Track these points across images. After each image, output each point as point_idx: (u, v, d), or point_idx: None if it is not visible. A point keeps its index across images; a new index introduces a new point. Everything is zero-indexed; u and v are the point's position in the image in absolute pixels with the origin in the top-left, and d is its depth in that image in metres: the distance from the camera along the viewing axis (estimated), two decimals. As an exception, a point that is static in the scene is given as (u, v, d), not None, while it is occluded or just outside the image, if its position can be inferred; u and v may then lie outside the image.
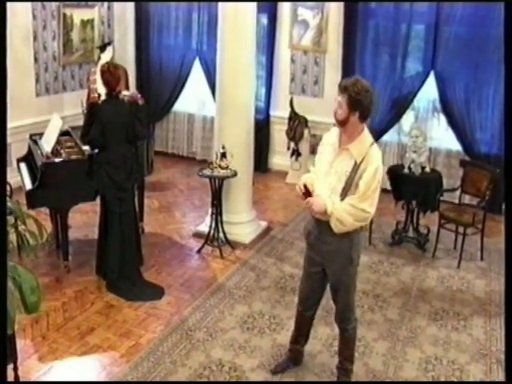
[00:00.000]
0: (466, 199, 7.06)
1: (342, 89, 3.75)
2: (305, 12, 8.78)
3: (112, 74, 5.40)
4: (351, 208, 3.78)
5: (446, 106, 8.15)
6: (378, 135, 8.45)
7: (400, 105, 8.36)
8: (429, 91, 8.31)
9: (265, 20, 8.88)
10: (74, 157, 5.76)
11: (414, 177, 6.63)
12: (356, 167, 3.79)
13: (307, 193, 3.92)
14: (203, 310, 5.27)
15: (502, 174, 6.42)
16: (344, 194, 3.83)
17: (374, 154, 3.82)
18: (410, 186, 6.65)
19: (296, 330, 4.51)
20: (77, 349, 4.67)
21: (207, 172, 6.31)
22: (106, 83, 5.45)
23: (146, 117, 6.08)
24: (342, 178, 3.83)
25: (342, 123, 3.82)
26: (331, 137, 4.00)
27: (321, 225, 3.96)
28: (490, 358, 4.80)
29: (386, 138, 8.53)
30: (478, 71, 7.86)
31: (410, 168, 6.67)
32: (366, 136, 3.88)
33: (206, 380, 4.36)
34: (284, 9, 8.89)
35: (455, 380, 4.50)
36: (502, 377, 4.54)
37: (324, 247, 4.02)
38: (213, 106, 8.42)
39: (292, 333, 4.56)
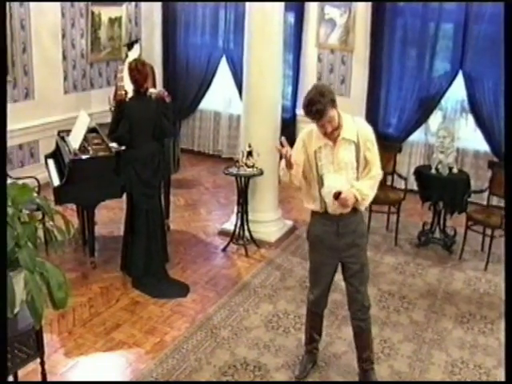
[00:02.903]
0: (494, 201, 6.96)
1: (321, 110, 3.71)
2: (332, 11, 8.73)
3: (140, 72, 5.42)
4: (372, 181, 4.01)
5: (475, 106, 8.05)
6: (405, 135, 8.42)
7: (427, 105, 8.26)
8: (457, 91, 8.21)
9: (292, 19, 8.85)
10: (101, 154, 5.79)
11: (442, 178, 6.56)
12: (358, 147, 3.91)
13: (337, 193, 3.86)
14: (228, 309, 5.27)
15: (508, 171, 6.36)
16: (358, 174, 3.97)
17: (361, 124, 4.02)
18: (437, 187, 6.57)
19: (311, 329, 4.47)
20: (102, 345, 4.70)
21: (233, 170, 6.31)
22: (133, 80, 5.47)
23: (173, 114, 6.08)
24: (352, 165, 3.92)
25: (337, 128, 3.86)
26: (315, 140, 3.92)
27: (340, 220, 3.99)
28: (517, 362, 4.74)
29: (413, 138, 8.45)
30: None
31: (437, 169, 6.60)
32: (344, 115, 3.95)
33: (230, 378, 4.36)
34: (311, 7, 8.84)
35: (482, 384, 4.45)
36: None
37: (343, 240, 4.04)
38: (239, 104, 8.43)
39: (307, 334, 4.52)
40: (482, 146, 8.12)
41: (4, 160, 2.96)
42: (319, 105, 3.68)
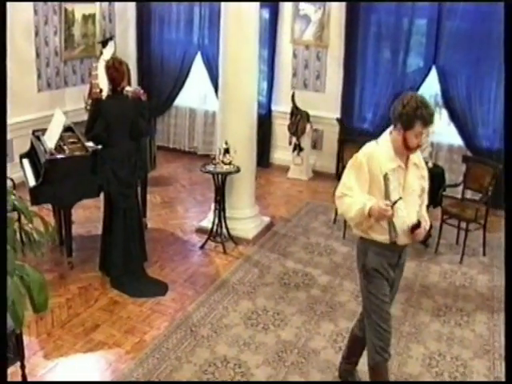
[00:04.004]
0: (469, 194, 7.07)
1: (433, 114, 3.59)
2: (306, 7, 8.77)
3: (117, 70, 5.40)
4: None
5: (448, 100, 8.15)
6: (380, 130, 8.42)
7: (402, 100, 8.33)
8: (431, 86, 8.30)
9: (267, 15, 8.85)
10: (77, 153, 5.75)
11: (417, 172, 6.62)
12: (421, 174, 3.82)
13: (415, 226, 3.69)
14: (207, 306, 5.28)
15: (503, 171, 6.45)
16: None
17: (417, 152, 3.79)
18: (412, 182, 6.64)
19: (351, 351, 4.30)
20: (82, 346, 4.68)
21: (210, 168, 6.30)
22: (110, 79, 5.44)
23: (148, 112, 6.07)
24: (417, 192, 3.77)
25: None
26: (385, 162, 3.60)
27: (401, 251, 3.86)
28: (493, 353, 4.82)
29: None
30: (480, 66, 7.86)
31: (412, 163, 6.66)
32: None
33: (211, 376, 4.37)
34: (286, 4, 8.87)
35: (459, 375, 4.50)
36: (505, 373, 4.55)
37: (397, 270, 3.93)
38: (214, 100, 8.45)
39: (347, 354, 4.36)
40: (456, 140, 8.23)
41: (4, 160, 2.92)
42: (432, 109, 3.57)
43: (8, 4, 7.25)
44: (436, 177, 6.68)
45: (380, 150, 3.65)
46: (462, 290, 5.83)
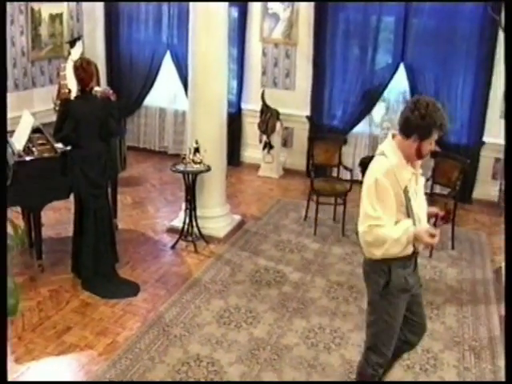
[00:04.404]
0: (437, 189, 7.16)
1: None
2: (275, 5, 8.80)
3: (85, 70, 5.36)
4: None
5: (416, 97, 8.23)
6: (349, 127, 8.56)
7: (371, 96, 8.43)
8: (399, 83, 8.40)
9: (235, 13, 8.86)
10: (46, 155, 5.70)
11: (386, 168, 6.69)
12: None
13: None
14: (179, 306, 5.28)
15: (470, 166, 6.56)
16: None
17: None
18: (381, 178, 6.70)
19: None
20: (54, 348, 4.64)
21: (181, 167, 6.30)
22: (79, 79, 5.41)
23: (118, 112, 6.04)
24: (424, 198, 3.66)
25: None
26: (404, 173, 3.41)
27: (416, 257, 3.67)
28: (462, 345, 4.90)
29: (357, 129, 8.61)
30: (447, 63, 7.98)
31: (381, 159, 6.72)
32: None
33: (184, 376, 4.37)
34: (254, 2, 8.88)
35: (429, 367, 4.57)
36: (474, 363, 4.64)
37: (416, 272, 3.75)
38: (184, 99, 8.42)
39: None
40: (425, 135, 8.32)
41: (4, 155, 2.89)
42: (444, 113, 3.36)
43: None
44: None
45: (392, 163, 3.37)
46: (431, 284, 5.90)
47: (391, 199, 3.33)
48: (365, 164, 6.82)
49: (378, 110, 8.43)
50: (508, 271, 3.07)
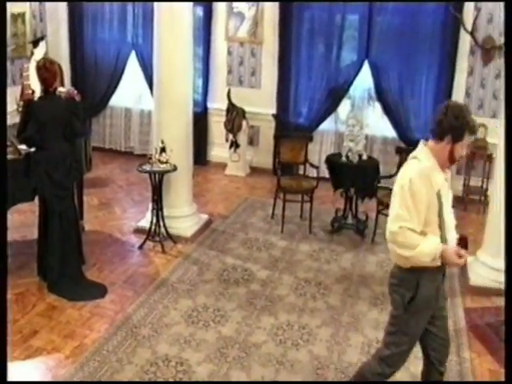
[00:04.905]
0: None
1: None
2: (240, 4, 8.82)
3: (48, 70, 5.29)
4: None
5: (381, 94, 8.34)
6: (315, 124, 8.61)
7: (336, 94, 8.49)
8: (364, 80, 8.49)
9: (200, 12, 8.86)
10: (9, 156, 5.61)
11: (352, 165, 6.77)
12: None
13: (464, 238, 3.50)
14: (147, 306, 5.25)
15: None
16: None
17: None
18: (348, 174, 6.78)
19: None
20: (20, 353, 4.58)
21: (147, 167, 6.27)
22: (42, 80, 5.34)
23: (83, 113, 5.98)
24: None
25: None
26: (437, 176, 3.38)
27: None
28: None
29: (323, 127, 8.68)
30: (411, 60, 8.10)
31: (347, 156, 6.80)
32: None
33: (152, 376, 4.36)
34: (219, 1, 8.87)
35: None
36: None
37: (443, 284, 3.67)
38: (150, 99, 8.39)
39: None
40: (390, 132, 8.44)
41: (4, 154, 2.84)
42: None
43: None
44: (371, 169, 6.86)
45: (426, 165, 3.35)
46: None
47: (424, 202, 3.30)
48: (331, 161, 6.92)
49: (344, 107, 8.47)
50: (508, 271, 3.10)
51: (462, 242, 3.47)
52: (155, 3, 6.31)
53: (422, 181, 3.28)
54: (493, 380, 4.50)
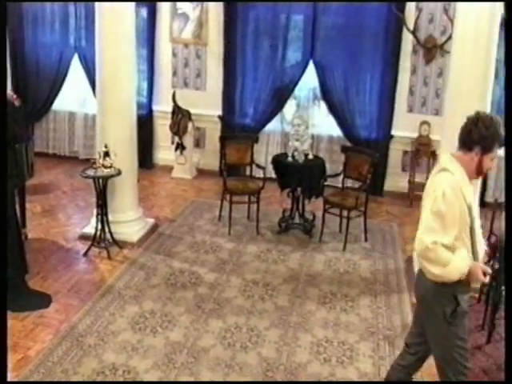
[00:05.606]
0: (349, 183, 7.31)
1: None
2: (184, 5, 8.76)
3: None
4: None
5: (326, 93, 8.40)
6: (261, 125, 8.61)
7: (282, 94, 8.52)
8: (309, 80, 8.53)
9: (144, 13, 8.77)
10: None
11: (298, 164, 6.78)
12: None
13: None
14: (93, 315, 5.14)
15: (377, 159, 6.73)
16: None
17: None
18: (294, 174, 6.80)
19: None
20: (-42, 368, 4.45)
21: (90, 172, 6.15)
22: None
23: (24, 118, 5.84)
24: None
25: None
26: (467, 188, 3.35)
27: None
28: (377, 335, 5.01)
29: (269, 127, 8.70)
30: (355, 59, 8.18)
31: (293, 156, 6.81)
32: None
33: (98, 386, 4.28)
34: (163, 2, 8.80)
35: (346, 359, 4.63)
36: (388, 352, 4.75)
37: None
38: (94, 103, 8.22)
39: None
40: (336, 131, 8.50)
41: (4, 154, 2.72)
42: None
43: None
44: (317, 168, 6.89)
45: (458, 178, 3.31)
46: (346, 277, 6.02)
47: (457, 215, 3.25)
48: (277, 161, 6.92)
49: (289, 108, 8.52)
50: (508, 270, 3.12)
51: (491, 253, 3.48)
52: (96, 3, 6.20)
53: (455, 194, 3.23)
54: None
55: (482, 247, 3.44)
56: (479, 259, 3.40)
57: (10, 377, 4.32)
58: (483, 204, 7.07)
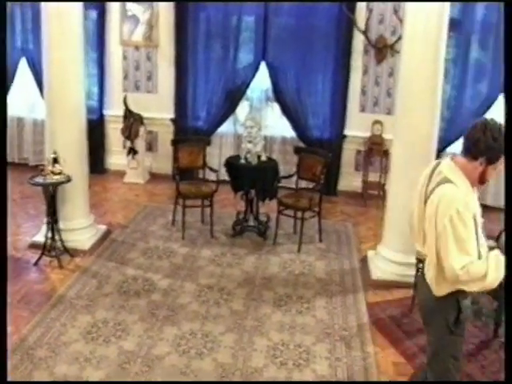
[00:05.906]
0: (303, 184, 7.30)
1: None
2: (134, 7, 8.65)
3: None
4: None
5: (279, 94, 8.40)
6: (214, 127, 8.57)
7: (234, 96, 8.49)
8: (262, 81, 8.52)
9: (94, 16, 8.63)
10: None
11: (251, 166, 6.76)
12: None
13: None
14: (44, 326, 5.00)
15: (331, 159, 6.75)
16: None
17: None
18: (247, 176, 6.77)
19: None
20: None
21: (39, 179, 6.00)
22: None
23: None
24: None
25: None
26: (472, 197, 3.30)
27: None
28: (333, 336, 5.00)
29: (222, 129, 8.66)
30: (307, 60, 8.21)
31: (246, 158, 6.78)
32: None
33: (49, 399, 4.17)
34: (113, 4, 8.69)
35: (302, 362, 4.62)
36: (345, 353, 4.74)
37: None
38: (43, 108, 8.05)
39: None
40: (289, 132, 8.51)
41: (4, 157, 2.57)
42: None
43: None
44: (270, 170, 6.87)
45: (462, 190, 3.23)
46: (301, 278, 6.01)
47: (472, 228, 3.17)
48: (230, 163, 6.88)
49: (242, 109, 8.49)
50: (508, 270, 3.11)
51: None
52: (42, 3, 6.03)
53: (466, 209, 3.14)
54: (396, 371, 4.57)
55: (485, 249, 3.37)
56: None
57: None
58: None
